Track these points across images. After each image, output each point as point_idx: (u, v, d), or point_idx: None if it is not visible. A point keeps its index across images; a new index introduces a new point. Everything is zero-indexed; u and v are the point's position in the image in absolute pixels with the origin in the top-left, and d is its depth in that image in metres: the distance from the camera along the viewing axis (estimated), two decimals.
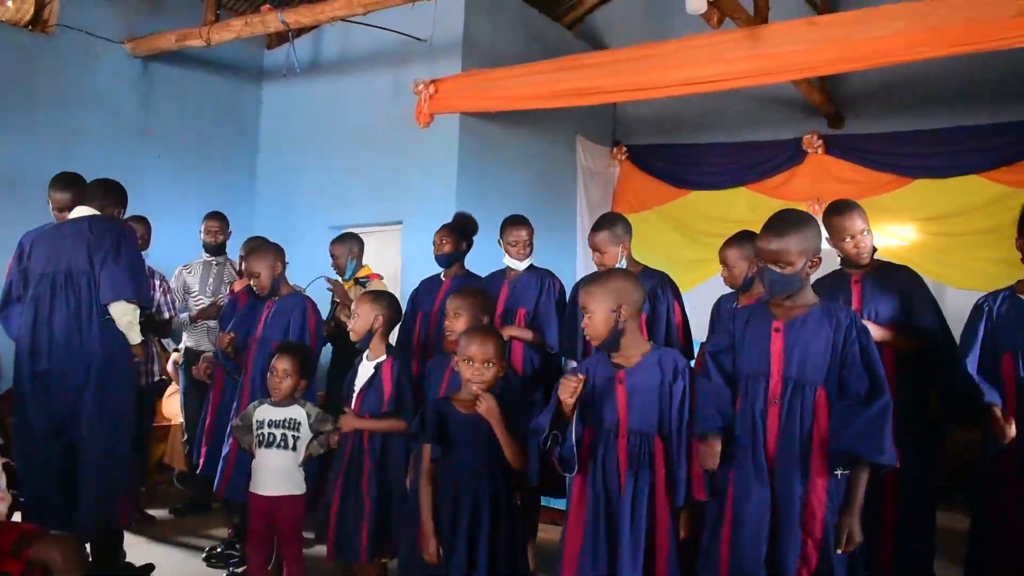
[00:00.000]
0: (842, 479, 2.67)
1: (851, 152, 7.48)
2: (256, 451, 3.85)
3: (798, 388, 2.71)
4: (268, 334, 4.18)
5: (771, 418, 2.72)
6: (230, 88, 7.76)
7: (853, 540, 2.64)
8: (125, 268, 3.84)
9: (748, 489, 2.71)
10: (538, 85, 6.07)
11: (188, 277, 5.60)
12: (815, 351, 2.71)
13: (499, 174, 6.97)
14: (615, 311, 2.83)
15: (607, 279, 2.97)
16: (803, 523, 2.65)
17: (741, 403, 2.78)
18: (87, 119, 6.62)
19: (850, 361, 2.69)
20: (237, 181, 7.76)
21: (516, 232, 4.46)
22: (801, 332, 2.75)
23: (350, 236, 5.52)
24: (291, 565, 3.85)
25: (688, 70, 5.55)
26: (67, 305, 3.83)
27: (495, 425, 2.98)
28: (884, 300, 3.54)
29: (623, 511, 2.74)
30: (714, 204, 7.91)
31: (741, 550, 2.69)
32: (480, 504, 3.00)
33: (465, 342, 3.11)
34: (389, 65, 7.05)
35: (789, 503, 2.66)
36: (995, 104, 6.85)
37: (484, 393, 3.01)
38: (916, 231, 7.15)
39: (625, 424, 2.81)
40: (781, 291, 2.80)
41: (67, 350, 3.80)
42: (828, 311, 2.77)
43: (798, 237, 2.75)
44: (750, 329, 2.86)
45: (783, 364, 2.74)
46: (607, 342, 2.87)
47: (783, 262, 2.74)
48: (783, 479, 2.67)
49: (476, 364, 3.04)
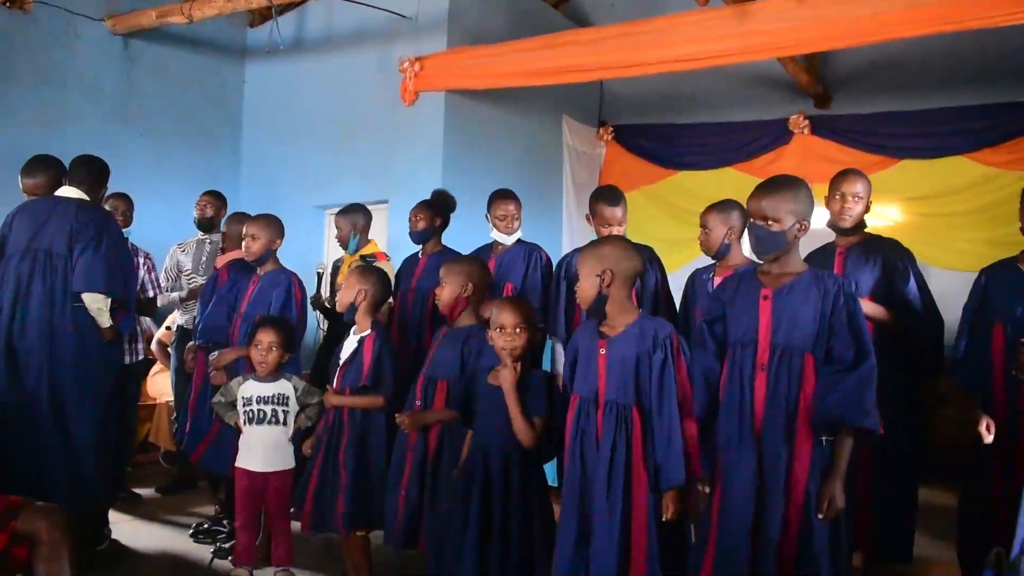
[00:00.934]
0: (827, 446, 2.68)
1: (837, 133, 7.48)
2: (245, 427, 3.83)
3: (785, 354, 2.71)
4: (253, 309, 4.16)
5: (758, 384, 2.72)
6: (213, 67, 7.68)
7: (835, 506, 2.64)
8: (102, 260, 3.83)
9: (735, 455, 2.72)
10: (524, 63, 6.05)
11: (181, 256, 5.55)
12: (803, 318, 2.71)
13: (485, 153, 6.93)
14: (600, 276, 2.83)
15: (599, 244, 2.98)
16: (786, 489, 2.65)
17: (729, 369, 2.78)
18: (67, 98, 6.54)
19: (837, 328, 2.69)
20: (220, 160, 7.69)
21: (504, 206, 4.46)
22: (789, 299, 2.74)
23: (356, 208, 5.20)
24: (280, 540, 3.84)
25: (675, 48, 5.54)
26: (43, 285, 3.84)
27: (508, 395, 2.97)
28: (866, 272, 3.57)
29: (599, 481, 2.74)
30: (701, 184, 7.88)
31: (728, 515, 2.70)
32: (492, 477, 2.99)
33: (495, 312, 3.11)
34: (374, 43, 6.99)
35: (775, 469, 2.66)
36: (981, 85, 6.86)
37: (507, 364, 3.00)
38: (902, 211, 7.16)
39: (603, 394, 2.81)
40: (767, 250, 2.79)
41: (39, 329, 3.79)
42: (817, 278, 2.76)
43: (790, 195, 2.75)
44: (739, 297, 2.86)
45: (771, 331, 2.74)
46: (592, 308, 2.87)
47: (771, 218, 2.74)
48: (769, 445, 2.68)
49: (508, 331, 3.04)
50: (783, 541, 2.65)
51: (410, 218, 4.68)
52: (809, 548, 2.63)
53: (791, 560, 2.65)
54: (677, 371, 2.77)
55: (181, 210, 5.61)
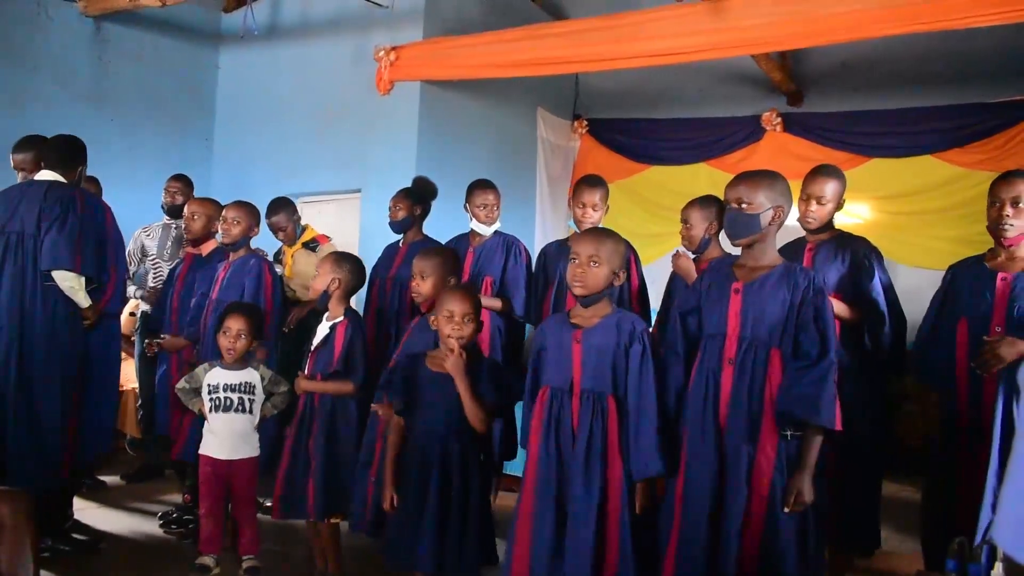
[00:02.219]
0: (793, 440, 2.71)
1: (809, 130, 7.53)
2: (210, 415, 3.82)
3: (751, 348, 2.74)
4: (225, 295, 4.14)
5: (725, 378, 2.76)
6: (186, 51, 7.59)
7: (802, 500, 2.67)
8: (67, 238, 3.75)
9: (699, 447, 2.74)
10: (500, 54, 6.03)
11: (146, 240, 5.47)
12: (771, 312, 2.74)
13: (459, 144, 6.92)
14: (616, 273, 2.87)
15: (616, 239, 2.97)
16: (750, 480, 2.69)
17: (698, 362, 2.80)
18: (38, 81, 6.43)
19: (804, 323, 2.72)
20: (193, 147, 7.61)
21: (483, 195, 4.45)
22: (759, 293, 2.77)
23: (285, 201, 5.34)
24: (246, 528, 3.83)
25: (650, 42, 5.55)
26: (14, 265, 3.79)
27: (458, 381, 2.98)
28: (833, 269, 3.61)
29: (575, 469, 2.76)
30: (675, 179, 7.92)
31: (689, 506, 2.73)
32: (449, 462, 3.00)
33: (445, 299, 3.11)
34: (349, 31, 6.95)
35: (736, 461, 2.70)
36: (951, 86, 6.92)
37: (455, 350, 3.00)
38: (871, 209, 7.23)
39: (579, 383, 2.82)
40: (740, 233, 2.81)
41: (9, 308, 3.73)
42: (788, 272, 2.80)
43: (765, 182, 2.80)
44: (712, 290, 2.89)
45: (739, 324, 2.76)
46: (591, 298, 2.87)
47: (745, 201, 2.77)
48: (732, 437, 2.71)
49: (456, 319, 3.04)
50: (747, 534, 2.67)
51: (390, 207, 4.66)
52: (775, 541, 2.66)
53: (754, 552, 2.68)
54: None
55: (151, 195, 5.55)
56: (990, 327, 3.23)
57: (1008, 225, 3.28)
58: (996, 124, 6.72)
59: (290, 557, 4.13)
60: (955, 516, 3.24)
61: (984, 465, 3.17)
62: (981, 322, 3.27)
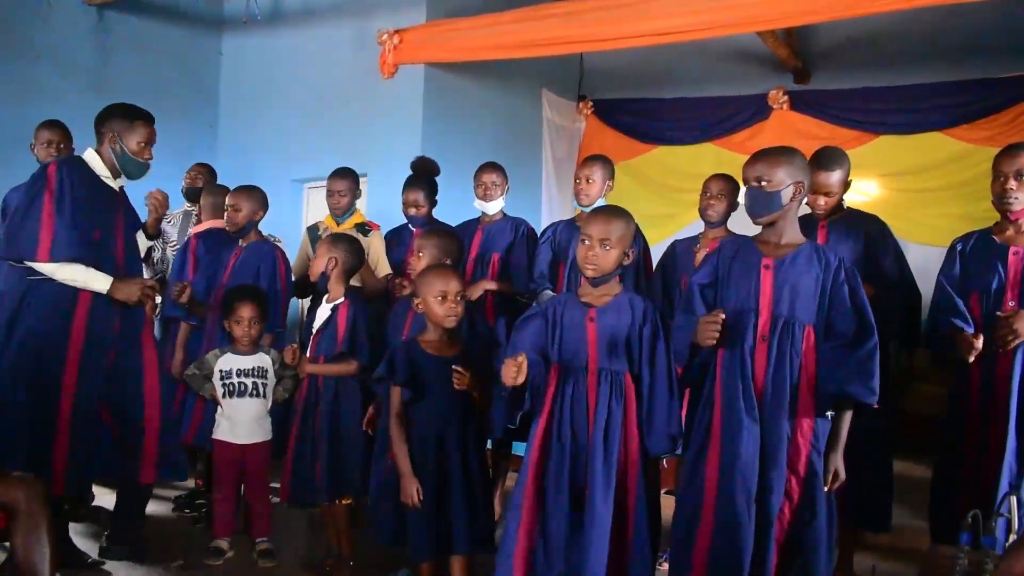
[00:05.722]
0: (826, 419, 2.71)
1: (816, 108, 7.49)
2: (224, 401, 3.83)
3: (787, 326, 2.72)
4: (235, 280, 4.13)
5: (759, 356, 2.73)
6: (189, 38, 7.56)
7: (839, 478, 2.69)
8: (34, 223, 3.40)
9: (739, 425, 2.70)
10: (503, 35, 6.02)
11: (167, 226, 5.44)
12: (805, 290, 2.73)
13: (464, 127, 6.90)
14: (627, 253, 2.85)
15: (627, 218, 2.94)
16: (788, 461, 2.68)
17: (729, 340, 2.77)
18: (40, 70, 6.40)
19: (838, 302, 2.71)
20: (197, 134, 7.57)
21: (481, 176, 4.49)
22: (791, 270, 2.75)
23: (352, 172, 4.96)
24: (259, 511, 3.85)
25: (655, 21, 5.52)
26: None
27: (479, 397, 3.04)
28: (847, 247, 3.58)
29: (595, 449, 2.74)
30: (681, 159, 7.90)
31: (729, 487, 2.69)
32: (451, 446, 3.00)
33: (433, 280, 3.09)
34: (352, 14, 6.91)
35: (777, 441, 2.68)
36: (958, 61, 6.88)
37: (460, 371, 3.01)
38: (879, 187, 7.20)
39: (596, 362, 2.81)
40: (761, 211, 2.79)
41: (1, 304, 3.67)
42: (817, 251, 2.79)
43: (784, 159, 2.77)
44: (737, 264, 2.85)
45: (772, 301, 2.74)
46: (601, 279, 2.86)
47: (765, 179, 2.74)
48: (771, 417, 2.69)
49: (450, 299, 3.02)
50: (781, 512, 2.68)
51: (409, 201, 4.63)
52: (813, 519, 2.66)
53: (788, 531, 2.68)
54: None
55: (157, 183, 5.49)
56: (1003, 302, 3.21)
57: (1013, 198, 3.26)
58: (1004, 99, 6.69)
59: (302, 539, 4.14)
60: (965, 493, 3.24)
61: (996, 441, 3.18)
62: (994, 296, 3.26)
